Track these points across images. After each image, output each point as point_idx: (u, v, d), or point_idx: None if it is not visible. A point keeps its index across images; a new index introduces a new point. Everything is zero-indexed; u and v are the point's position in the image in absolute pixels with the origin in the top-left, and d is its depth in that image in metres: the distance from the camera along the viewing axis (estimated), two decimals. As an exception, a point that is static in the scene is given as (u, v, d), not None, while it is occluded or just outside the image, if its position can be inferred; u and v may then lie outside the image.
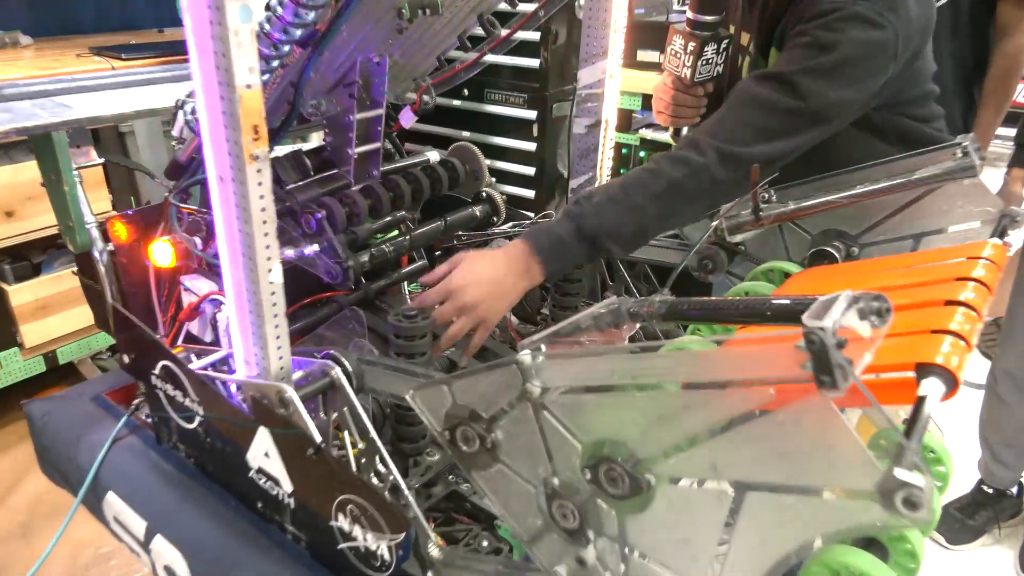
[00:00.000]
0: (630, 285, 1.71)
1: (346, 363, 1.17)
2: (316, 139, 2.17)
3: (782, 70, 1.34)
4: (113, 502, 1.36)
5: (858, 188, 1.26)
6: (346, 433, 1.17)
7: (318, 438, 1.08)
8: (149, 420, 1.46)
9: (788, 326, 0.59)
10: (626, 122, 3.33)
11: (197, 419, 1.27)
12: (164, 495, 1.33)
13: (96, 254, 1.55)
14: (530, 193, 3.52)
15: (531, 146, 3.41)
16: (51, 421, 1.56)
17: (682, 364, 0.66)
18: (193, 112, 1.36)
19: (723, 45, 1.61)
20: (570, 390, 0.76)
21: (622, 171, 3.37)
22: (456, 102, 3.49)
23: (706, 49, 1.58)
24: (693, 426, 0.67)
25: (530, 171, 3.47)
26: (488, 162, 2.12)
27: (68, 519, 1.42)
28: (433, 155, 1.75)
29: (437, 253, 1.98)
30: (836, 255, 1.38)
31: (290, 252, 1.37)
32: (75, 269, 1.70)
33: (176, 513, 1.29)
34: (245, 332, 1.12)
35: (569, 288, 1.63)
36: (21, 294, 2.90)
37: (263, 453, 1.17)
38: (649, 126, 3.27)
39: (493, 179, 1.69)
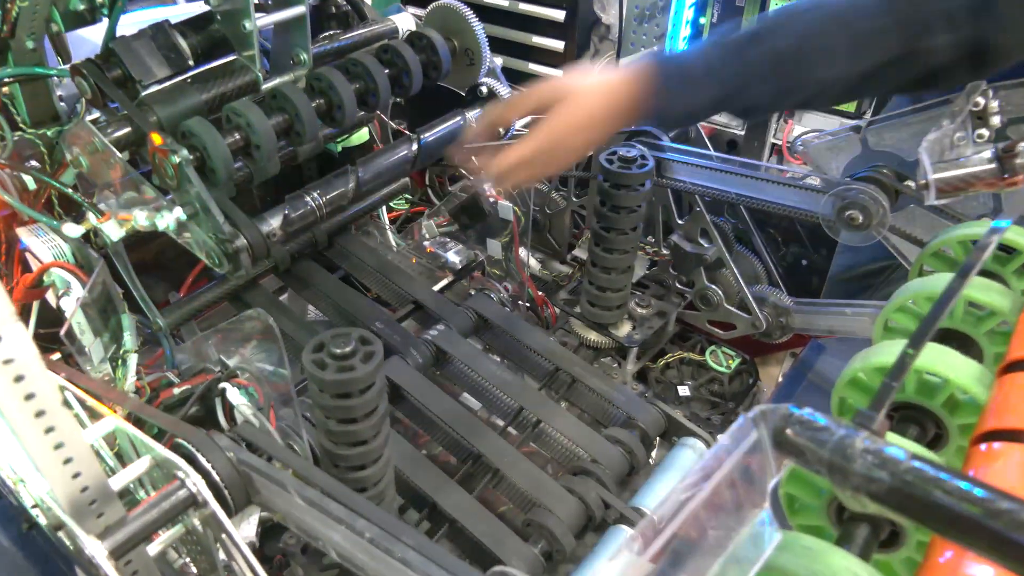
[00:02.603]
0: (710, 227, 1.11)
1: (210, 469, 0.63)
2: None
3: None
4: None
5: None
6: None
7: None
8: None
9: None
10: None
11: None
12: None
13: None
14: (559, 44, 2.77)
15: (559, -20, 2.62)
16: None
17: None
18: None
19: None
20: None
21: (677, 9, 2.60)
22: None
23: None
24: None
25: (559, 15, 2.70)
26: (506, 2, 1.48)
27: None
28: (404, 20, 1.10)
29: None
30: (1109, 218, 0.76)
31: (141, 217, 0.80)
32: None
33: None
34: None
35: (620, 222, 1.04)
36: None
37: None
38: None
39: (498, 61, 1.04)
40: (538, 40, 2.89)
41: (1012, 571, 0.36)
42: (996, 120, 0.78)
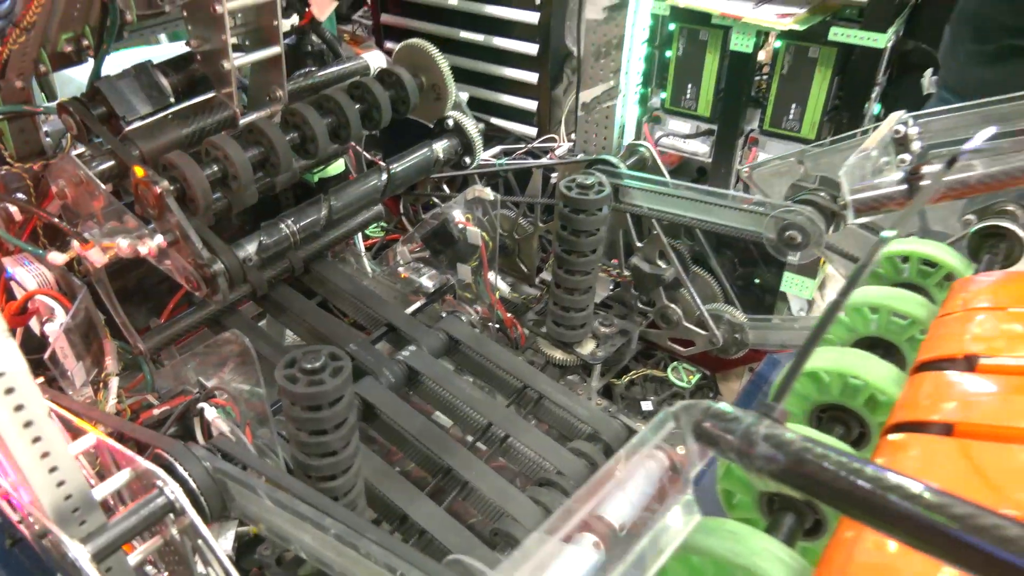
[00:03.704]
0: (667, 249, 1.17)
1: (187, 476, 0.67)
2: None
3: None
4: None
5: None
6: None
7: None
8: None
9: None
10: (653, -17, 2.61)
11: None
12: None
13: None
14: (532, 76, 2.86)
15: (532, 16, 2.71)
16: None
17: None
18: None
19: None
20: None
21: (647, 49, 2.69)
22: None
23: None
24: None
25: (532, 49, 2.79)
26: (480, 37, 1.53)
27: None
28: (375, 58, 1.16)
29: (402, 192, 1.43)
30: (1020, 234, 0.83)
31: (123, 245, 0.85)
32: None
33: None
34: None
35: (580, 244, 1.10)
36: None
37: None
38: (684, -11, 2.55)
39: (463, 96, 1.11)
40: (512, 73, 2.99)
41: (881, 531, 0.41)
42: (916, 146, 0.86)
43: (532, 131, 1.93)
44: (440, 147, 1.10)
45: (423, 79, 1.08)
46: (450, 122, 1.11)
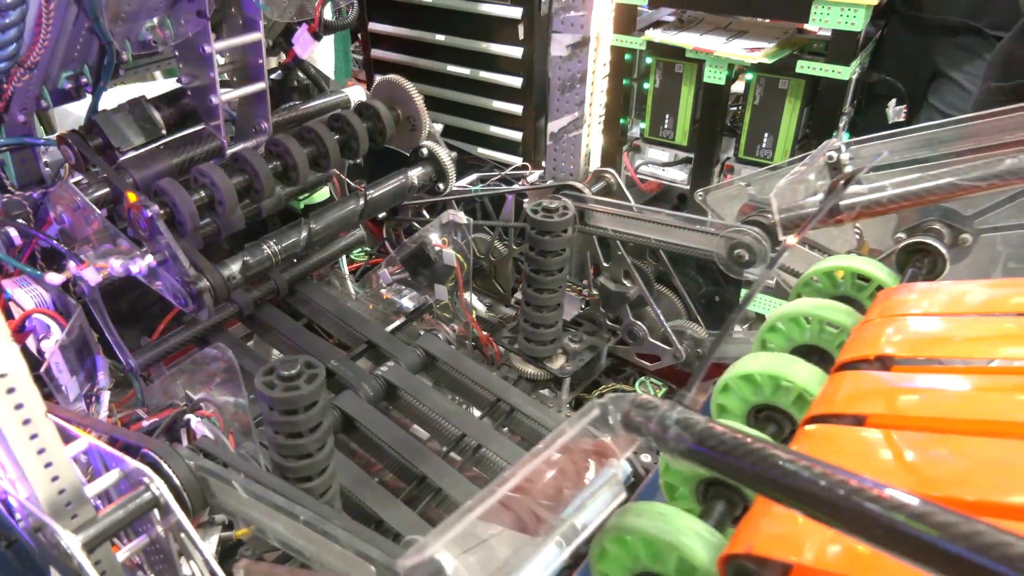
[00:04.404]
0: (631, 269, 1.25)
1: (171, 472, 0.73)
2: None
3: None
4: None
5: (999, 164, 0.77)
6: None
7: (117, 611, 0.66)
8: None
9: None
10: (628, 20, 2.71)
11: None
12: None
13: None
14: (517, 108, 2.96)
15: (516, 51, 2.82)
16: None
17: None
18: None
19: None
20: None
21: (626, 82, 2.79)
22: (422, -1, 2.87)
23: None
24: None
25: (516, 82, 2.89)
26: (466, 71, 1.60)
27: None
28: (356, 92, 1.25)
29: (381, 215, 1.51)
30: (942, 250, 0.91)
31: (116, 265, 0.91)
32: None
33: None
34: (-7, 439, 0.68)
35: (547, 264, 1.17)
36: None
37: (66, 598, 0.76)
38: (658, 24, 2.65)
39: (437, 127, 1.19)
40: (499, 105, 3.10)
41: (771, 498, 0.48)
42: (848, 170, 0.93)
43: (518, 160, 2.01)
44: (415, 174, 1.17)
45: (399, 111, 1.16)
46: (424, 151, 1.18)
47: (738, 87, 2.64)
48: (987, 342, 0.71)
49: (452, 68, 3.07)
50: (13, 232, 1.08)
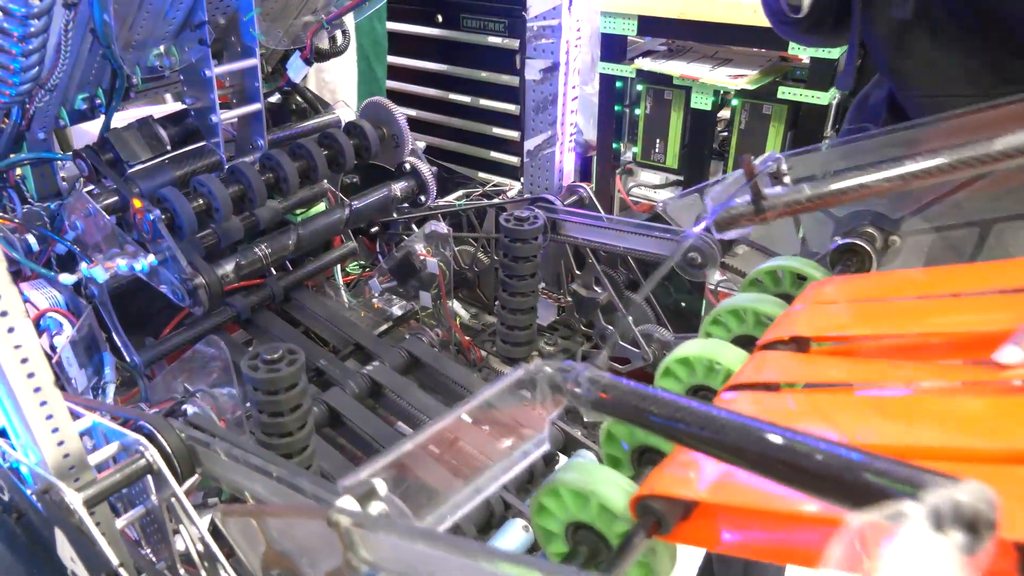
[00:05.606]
0: (602, 276, 1.34)
1: (163, 441, 0.82)
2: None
3: None
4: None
5: (914, 164, 0.85)
6: (180, 538, 0.84)
7: (113, 560, 0.75)
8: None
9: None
10: (619, 50, 2.84)
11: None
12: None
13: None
14: (515, 134, 3.09)
15: (514, 80, 2.96)
16: None
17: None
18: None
19: None
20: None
21: (618, 108, 2.90)
22: (429, 30, 3.02)
23: None
24: None
25: (513, 108, 3.03)
26: (466, 99, 1.71)
27: None
28: (345, 113, 1.36)
29: (374, 229, 1.61)
30: (870, 251, 0.99)
31: (123, 265, 1.02)
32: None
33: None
34: (7, 406, 0.77)
35: (519, 269, 1.26)
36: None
37: (69, 558, 0.85)
38: (647, 54, 2.78)
39: (420, 145, 1.30)
40: (497, 131, 3.24)
41: (664, 437, 0.56)
42: (787, 179, 1.02)
43: (517, 184, 2.10)
44: (398, 187, 1.28)
45: (384, 130, 1.27)
46: (407, 166, 1.29)
47: (726, 113, 2.76)
48: (894, 321, 0.79)
49: (454, 96, 3.22)
50: (31, 239, 1.19)
